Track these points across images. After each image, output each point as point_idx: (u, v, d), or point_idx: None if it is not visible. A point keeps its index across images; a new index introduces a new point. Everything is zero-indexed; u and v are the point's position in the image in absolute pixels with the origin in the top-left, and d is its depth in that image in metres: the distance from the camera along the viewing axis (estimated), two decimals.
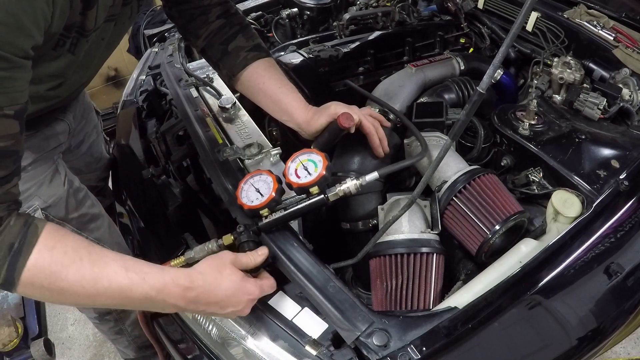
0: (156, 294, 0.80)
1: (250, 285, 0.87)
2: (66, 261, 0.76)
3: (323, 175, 0.97)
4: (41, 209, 1.15)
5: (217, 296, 0.84)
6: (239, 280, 0.85)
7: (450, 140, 0.99)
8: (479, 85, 0.92)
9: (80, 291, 0.77)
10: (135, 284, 0.78)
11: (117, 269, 0.78)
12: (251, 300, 0.88)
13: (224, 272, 0.84)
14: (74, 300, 0.80)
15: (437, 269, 1.05)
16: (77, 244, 0.79)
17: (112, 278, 0.77)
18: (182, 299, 0.82)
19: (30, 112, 1.05)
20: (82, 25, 0.89)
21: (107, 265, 0.78)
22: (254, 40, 1.21)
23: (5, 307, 1.53)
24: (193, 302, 0.83)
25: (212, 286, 0.83)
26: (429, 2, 2.01)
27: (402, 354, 0.81)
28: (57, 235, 0.78)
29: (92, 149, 1.51)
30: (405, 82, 1.51)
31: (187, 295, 0.82)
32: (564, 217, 1.05)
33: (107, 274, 0.77)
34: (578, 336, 0.92)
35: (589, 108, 1.30)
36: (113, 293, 0.78)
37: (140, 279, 0.79)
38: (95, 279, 0.77)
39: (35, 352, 1.28)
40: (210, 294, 0.83)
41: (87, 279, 0.76)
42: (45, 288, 0.76)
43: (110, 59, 1.18)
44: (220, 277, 0.84)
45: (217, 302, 0.85)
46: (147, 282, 0.79)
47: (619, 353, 1.83)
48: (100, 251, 0.80)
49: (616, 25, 1.51)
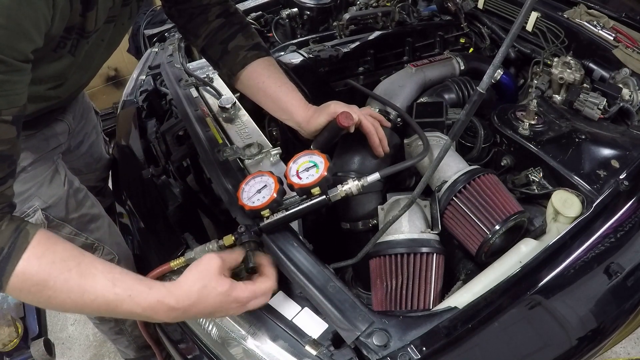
0: (142, 312, 0.80)
1: (239, 294, 0.85)
2: (54, 271, 0.76)
3: (324, 176, 0.97)
4: (41, 210, 1.15)
5: (205, 309, 0.83)
6: (226, 291, 0.83)
7: (450, 140, 0.99)
8: (479, 85, 0.92)
9: (67, 301, 0.77)
10: (121, 300, 0.78)
11: (104, 282, 0.78)
12: (242, 305, 0.86)
13: (209, 285, 0.82)
14: (62, 308, 0.80)
15: (437, 269, 1.05)
16: (66, 253, 0.78)
17: (99, 292, 0.78)
18: (167, 317, 0.82)
19: (29, 112, 1.05)
20: (82, 27, 0.89)
21: (95, 279, 0.78)
22: (253, 39, 1.21)
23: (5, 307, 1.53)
24: (180, 317, 0.83)
25: (199, 301, 0.82)
26: (429, 2, 2.01)
27: (402, 354, 0.81)
28: (48, 244, 0.78)
29: (92, 149, 1.51)
30: (405, 82, 1.51)
31: (172, 314, 0.82)
32: (564, 217, 1.05)
33: (94, 288, 0.77)
34: (578, 336, 0.92)
35: (589, 108, 1.30)
36: (99, 306, 0.78)
37: (127, 296, 0.78)
38: (82, 291, 0.77)
39: (35, 352, 1.28)
40: (197, 309, 0.82)
41: (74, 291, 0.77)
42: (33, 294, 0.76)
43: (110, 59, 1.18)
44: (206, 291, 0.82)
45: (206, 314, 0.85)
46: (133, 300, 0.79)
47: (619, 353, 1.83)
48: (89, 262, 0.80)
49: (616, 25, 1.51)
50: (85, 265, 0.79)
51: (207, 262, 0.85)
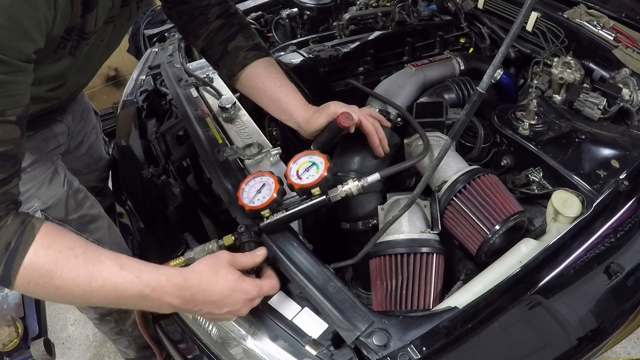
0: (151, 292, 0.79)
1: (247, 285, 0.86)
2: (61, 260, 0.76)
3: (324, 177, 0.97)
4: (41, 210, 1.15)
5: (212, 295, 0.83)
6: (236, 280, 0.85)
7: (450, 140, 0.99)
8: (479, 85, 0.92)
9: (75, 289, 0.77)
10: (129, 282, 0.78)
11: (111, 267, 0.78)
12: (248, 300, 0.87)
13: (220, 272, 0.84)
14: (70, 298, 0.80)
15: (437, 269, 1.05)
16: (73, 242, 0.79)
17: (107, 277, 0.77)
18: (177, 298, 0.82)
19: (29, 113, 1.06)
20: (82, 28, 0.89)
21: (102, 264, 0.78)
22: (253, 39, 1.21)
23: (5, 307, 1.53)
24: (188, 301, 0.83)
25: (208, 285, 0.83)
26: (429, 2, 2.01)
27: (402, 354, 0.81)
28: (54, 234, 0.78)
29: (92, 149, 1.51)
30: (405, 82, 1.51)
31: (182, 294, 0.82)
32: (564, 217, 1.05)
33: (101, 272, 0.77)
34: (578, 336, 0.92)
35: (589, 108, 1.30)
36: (107, 292, 0.78)
37: (135, 277, 0.79)
38: (89, 277, 0.77)
39: (35, 352, 1.28)
40: (205, 293, 0.83)
41: (82, 278, 0.76)
42: (41, 286, 0.76)
43: (110, 59, 1.18)
44: (216, 276, 0.83)
45: (213, 302, 0.84)
46: (142, 280, 0.79)
47: (619, 353, 1.83)
48: (95, 250, 0.80)
49: (616, 25, 1.51)
50: (92, 253, 0.79)
51: (219, 254, 0.88)
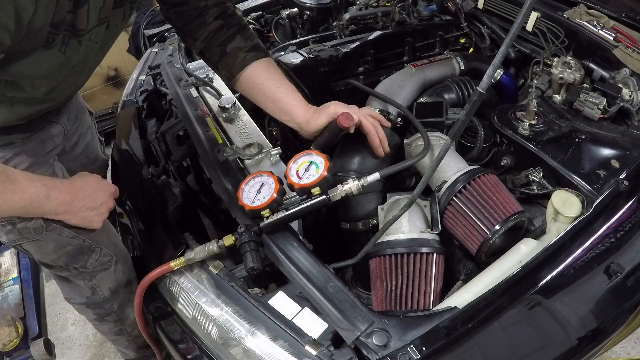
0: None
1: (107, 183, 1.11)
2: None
3: (324, 176, 0.97)
4: None
5: (85, 182, 1.06)
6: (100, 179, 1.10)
7: (450, 140, 0.99)
8: (479, 85, 0.92)
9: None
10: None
11: (18, 173, 0.94)
12: (110, 194, 1.11)
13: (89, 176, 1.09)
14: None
15: (437, 269, 1.05)
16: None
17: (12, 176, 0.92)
18: (67, 194, 1.01)
19: (25, 115, 1.06)
20: (73, 24, 0.89)
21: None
22: (252, 40, 1.21)
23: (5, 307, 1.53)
24: (67, 187, 1.02)
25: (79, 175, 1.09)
26: (429, 2, 2.01)
27: (402, 353, 0.81)
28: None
29: (87, 150, 1.50)
30: (405, 82, 1.52)
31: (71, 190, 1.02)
32: (564, 217, 1.05)
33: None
34: (578, 336, 0.92)
35: (589, 108, 1.30)
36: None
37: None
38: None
39: (35, 352, 1.28)
40: (79, 180, 1.07)
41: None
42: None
43: (110, 59, 1.18)
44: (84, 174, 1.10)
45: (88, 188, 1.06)
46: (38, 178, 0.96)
47: (619, 353, 1.83)
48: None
49: (616, 25, 1.51)
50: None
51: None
